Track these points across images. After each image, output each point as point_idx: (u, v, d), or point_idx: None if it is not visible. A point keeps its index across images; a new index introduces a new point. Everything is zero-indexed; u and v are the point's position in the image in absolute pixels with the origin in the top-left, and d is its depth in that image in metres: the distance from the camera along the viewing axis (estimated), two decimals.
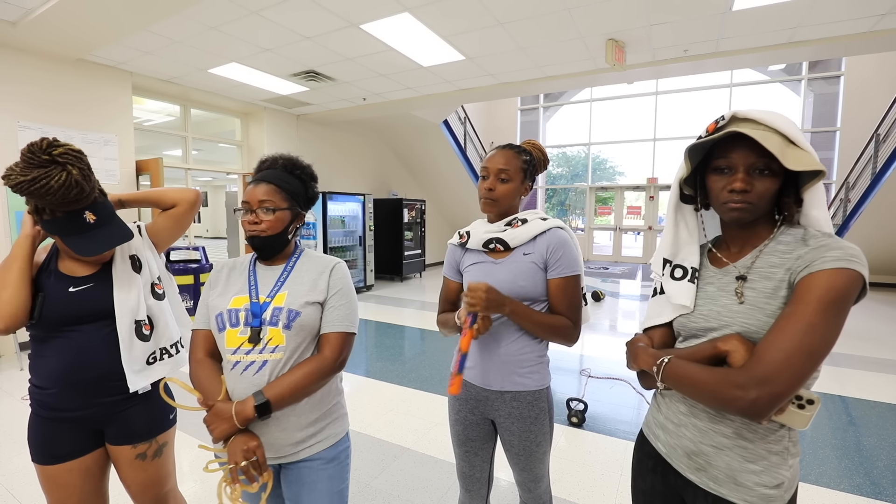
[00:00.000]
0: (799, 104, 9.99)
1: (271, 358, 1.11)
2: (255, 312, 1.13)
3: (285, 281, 1.19)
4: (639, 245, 12.53)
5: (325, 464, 1.17)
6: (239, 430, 1.05)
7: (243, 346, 1.11)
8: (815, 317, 0.72)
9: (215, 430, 1.05)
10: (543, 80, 5.57)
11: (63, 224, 1.15)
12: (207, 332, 1.19)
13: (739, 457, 0.84)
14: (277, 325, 1.12)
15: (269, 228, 1.16)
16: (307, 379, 1.09)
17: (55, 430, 1.24)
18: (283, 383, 1.08)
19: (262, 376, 1.10)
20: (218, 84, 5.65)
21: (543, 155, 1.44)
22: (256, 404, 1.04)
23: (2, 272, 1.18)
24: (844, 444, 2.65)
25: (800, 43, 4.33)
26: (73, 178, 1.07)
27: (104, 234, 1.19)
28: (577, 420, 2.91)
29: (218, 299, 1.18)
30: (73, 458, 1.25)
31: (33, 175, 1.04)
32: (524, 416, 1.30)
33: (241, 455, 1.02)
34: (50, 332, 1.22)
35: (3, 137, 4.19)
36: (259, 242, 1.18)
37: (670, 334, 1.00)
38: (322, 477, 1.16)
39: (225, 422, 1.04)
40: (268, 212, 1.16)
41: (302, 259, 1.25)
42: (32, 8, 3.50)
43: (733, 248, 0.93)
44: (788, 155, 0.77)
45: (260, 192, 1.17)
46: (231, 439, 1.05)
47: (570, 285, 1.28)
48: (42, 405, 1.24)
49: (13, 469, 2.36)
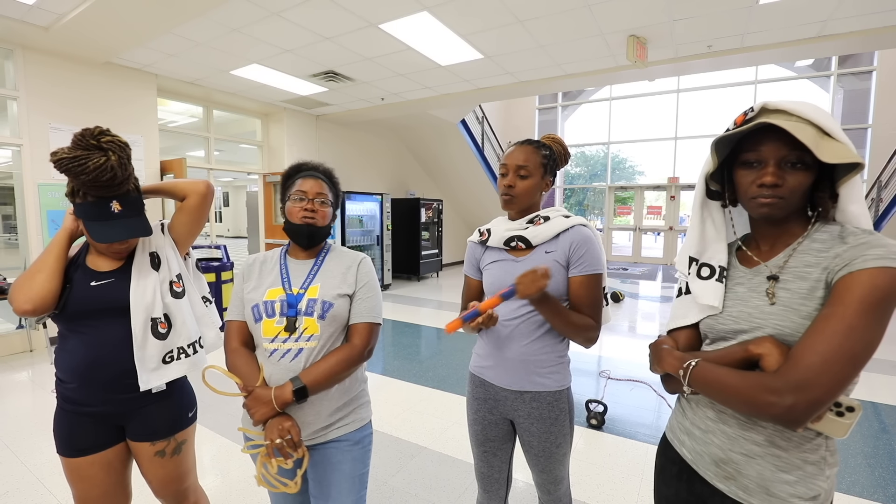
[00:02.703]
0: (828, 101, 9.66)
1: (306, 346, 1.19)
2: (290, 303, 1.21)
3: (316, 274, 1.27)
4: (659, 246, 12.29)
5: (351, 446, 1.25)
6: (277, 413, 1.12)
7: (280, 334, 1.19)
8: (857, 319, 0.68)
9: (255, 413, 1.12)
10: (563, 77, 5.51)
11: (89, 208, 1.20)
12: (242, 322, 1.27)
13: (772, 466, 0.80)
14: (312, 316, 1.20)
15: (322, 218, 1.27)
16: (340, 366, 1.18)
17: (78, 423, 1.27)
18: (319, 370, 1.16)
19: (297, 363, 1.18)
20: (239, 85, 5.74)
21: (564, 149, 1.42)
22: (295, 389, 1.12)
23: (39, 259, 1.25)
24: (877, 453, 2.55)
25: (830, 37, 4.18)
26: (109, 163, 1.12)
27: (123, 224, 1.22)
28: (596, 422, 2.87)
29: (253, 292, 1.25)
30: (95, 452, 1.28)
31: (75, 154, 1.11)
32: (544, 417, 1.28)
33: (276, 433, 1.09)
34: (71, 326, 1.25)
35: (36, 138, 4.35)
36: (311, 231, 1.26)
37: (696, 336, 0.96)
38: (347, 458, 1.24)
39: (265, 405, 1.12)
40: (323, 204, 1.28)
41: (330, 254, 1.33)
42: (63, 13, 3.61)
43: (764, 246, 0.89)
44: (823, 147, 0.73)
45: (316, 185, 1.28)
46: (269, 421, 1.12)
47: (592, 284, 1.26)
48: (66, 399, 1.27)
49: (44, 460, 2.43)
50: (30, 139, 4.31)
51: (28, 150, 4.31)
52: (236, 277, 1.33)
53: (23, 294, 1.18)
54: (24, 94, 4.26)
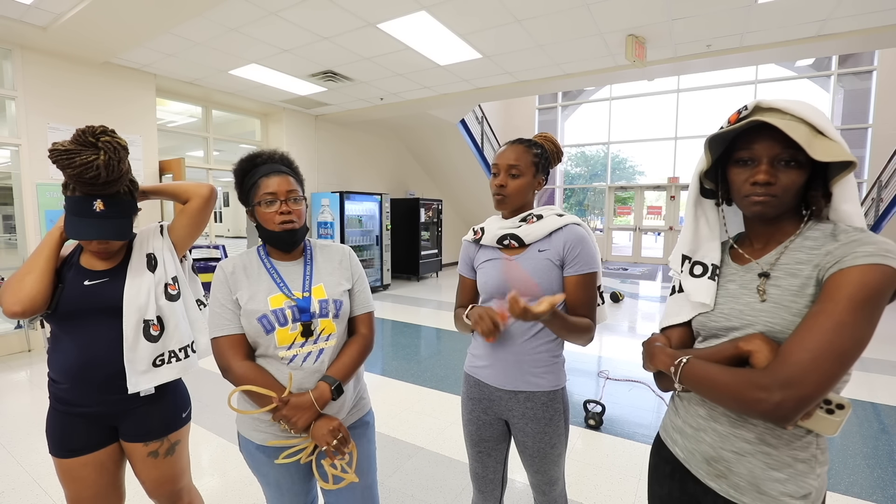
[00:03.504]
0: (828, 100, 9.65)
1: (327, 346, 1.20)
2: (302, 308, 1.17)
3: (312, 274, 1.24)
4: (659, 246, 12.27)
5: (365, 428, 1.34)
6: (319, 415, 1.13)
7: (297, 340, 1.17)
8: (846, 315, 0.68)
9: (299, 420, 1.10)
10: (562, 77, 5.51)
11: (74, 203, 1.18)
12: (237, 336, 1.16)
13: (762, 463, 0.80)
14: (328, 316, 1.20)
15: (300, 218, 1.20)
16: (361, 357, 1.24)
17: (70, 423, 1.25)
18: (345, 364, 1.20)
19: (321, 363, 1.19)
20: (238, 85, 5.74)
21: (556, 147, 1.41)
22: (333, 388, 1.14)
23: (30, 260, 1.23)
24: (876, 453, 2.54)
25: (829, 36, 4.17)
26: (96, 162, 1.10)
27: (98, 224, 1.18)
28: (594, 422, 2.86)
29: (251, 302, 1.15)
30: (87, 453, 1.27)
31: (68, 148, 1.10)
32: (538, 417, 1.27)
33: (329, 436, 1.11)
34: (64, 325, 1.24)
35: (35, 138, 4.35)
36: (293, 237, 1.19)
37: (689, 334, 0.96)
38: (363, 440, 1.31)
39: (307, 410, 1.11)
40: (297, 201, 1.19)
41: (316, 251, 1.30)
42: (62, 13, 3.61)
43: (757, 244, 0.89)
44: (815, 145, 0.73)
45: (284, 181, 1.17)
46: (313, 425, 1.12)
47: (587, 283, 1.25)
48: (58, 399, 1.26)
49: (40, 460, 2.43)
50: (28, 139, 4.31)
51: (26, 150, 4.31)
52: (217, 287, 1.20)
53: (12, 296, 1.17)
54: (22, 93, 4.26)
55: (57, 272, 1.25)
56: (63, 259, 1.29)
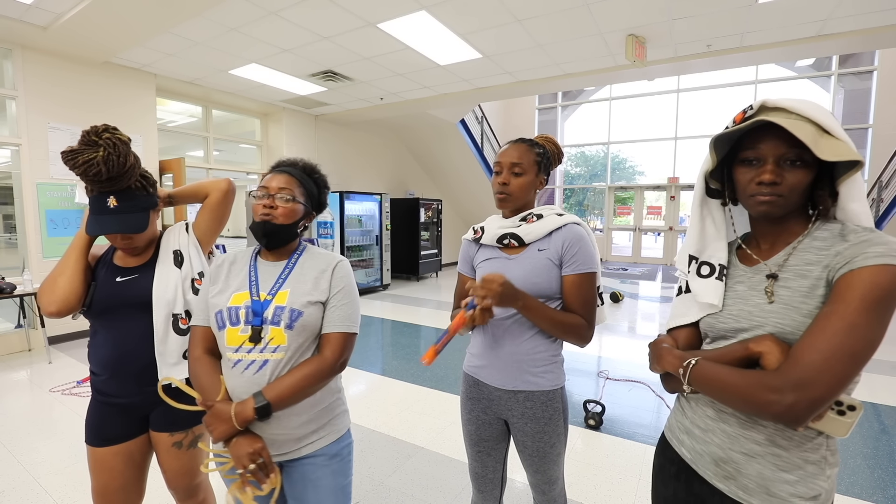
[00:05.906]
0: (829, 100, 9.65)
1: (272, 357, 1.08)
2: (255, 311, 1.09)
3: (287, 278, 1.16)
4: (659, 246, 12.28)
5: (328, 460, 1.16)
6: (239, 430, 1.03)
7: (244, 344, 1.09)
8: (858, 317, 0.67)
9: (215, 430, 1.03)
10: (562, 77, 5.51)
11: (92, 201, 1.25)
12: (206, 328, 1.17)
13: (772, 465, 0.79)
14: (279, 325, 1.08)
15: (282, 216, 1.14)
16: (308, 380, 1.07)
17: (109, 413, 1.32)
18: (284, 384, 1.05)
19: (262, 375, 1.07)
20: (238, 85, 5.74)
21: (557, 148, 1.42)
22: (256, 406, 1.02)
23: (61, 262, 1.30)
24: (877, 454, 2.54)
25: (830, 36, 4.17)
26: (96, 158, 1.14)
27: (112, 220, 1.24)
28: (594, 422, 2.86)
29: (218, 296, 1.15)
30: (119, 442, 1.32)
31: (74, 148, 1.15)
32: (537, 417, 1.27)
33: (247, 458, 1.01)
34: (100, 320, 1.31)
35: (35, 138, 4.34)
36: (268, 228, 1.14)
37: (696, 335, 0.95)
38: (325, 473, 1.15)
39: (224, 423, 1.03)
40: (287, 200, 1.15)
41: (304, 256, 1.22)
42: (62, 13, 3.61)
43: (764, 244, 0.88)
44: (822, 144, 0.72)
45: (280, 180, 1.17)
46: (233, 441, 1.03)
47: (585, 282, 1.24)
48: (98, 390, 1.33)
49: (41, 459, 2.42)
50: (28, 139, 4.31)
51: (27, 150, 4.30)
52: (205, 277, 1.24)
53: (47, 297, 1.25)
54: (22, 93, 4.26)
55: (92, 271, 1.33)
56: (98, 258, 1.37)
